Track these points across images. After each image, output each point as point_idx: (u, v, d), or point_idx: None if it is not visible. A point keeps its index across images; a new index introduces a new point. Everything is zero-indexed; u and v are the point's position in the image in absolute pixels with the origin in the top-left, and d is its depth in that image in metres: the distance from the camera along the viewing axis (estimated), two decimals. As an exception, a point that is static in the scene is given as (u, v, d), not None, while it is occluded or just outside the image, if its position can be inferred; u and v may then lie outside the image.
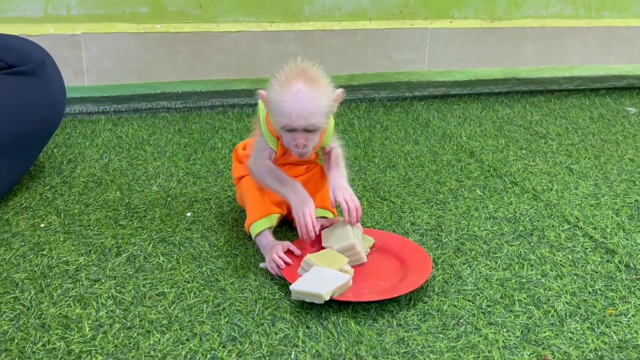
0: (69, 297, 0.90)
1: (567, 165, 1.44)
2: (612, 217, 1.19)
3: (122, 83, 1.66)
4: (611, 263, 1.04)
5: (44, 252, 1.01)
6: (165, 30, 1.66)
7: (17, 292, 0.91)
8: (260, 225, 1.03)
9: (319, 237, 1.03)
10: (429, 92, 1.89)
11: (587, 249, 1.08)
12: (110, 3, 1.62)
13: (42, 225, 1.10)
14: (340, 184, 1.02)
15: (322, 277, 0.91)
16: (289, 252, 1.00)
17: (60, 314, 0.87)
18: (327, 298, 0.87)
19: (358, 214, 1.00)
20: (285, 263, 0.97)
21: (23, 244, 1.04)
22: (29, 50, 1.17)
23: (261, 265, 1.00)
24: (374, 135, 1.59)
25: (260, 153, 1.03)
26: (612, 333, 0.87)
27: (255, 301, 0.91)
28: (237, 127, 1.61)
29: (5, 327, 0.84)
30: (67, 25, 1.60)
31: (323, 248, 1.02)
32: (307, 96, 0.94)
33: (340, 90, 1.02)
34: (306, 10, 1.76)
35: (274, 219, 1.05)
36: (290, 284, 0.91)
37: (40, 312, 0.87)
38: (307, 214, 0.98)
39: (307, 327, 0.86)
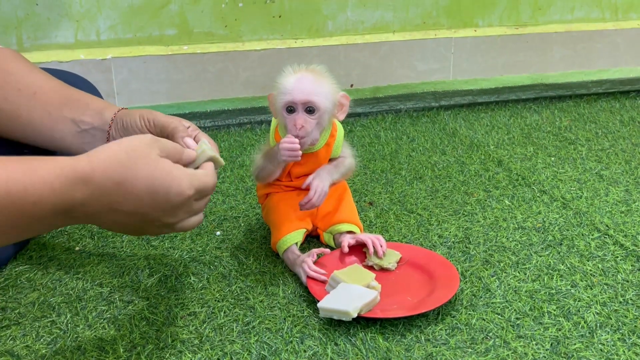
0: (104, 319, 0.93)
1: (597, 171, 1.42)
2: (643, 223, 1.18)
3: (151, 104, 1.70)
4: (643, 271, 1.02)
5: (79, 275, 1.04)
6: (192, 51, 1.69)
7: (54, 315, 0.94)
8: (287, 242, 1.05)
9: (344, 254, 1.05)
10: (456, 101, 1.89)
11: (617, 257, 1.07)
12: (138, 27, 1.66)
13: (77, 248, 1.13)
14: (322, 175, 1.05)
15: (350, 294, 0.92)
16: (318, 262, 1.02)
17: (95, 336, 0.89)
18: (355, 315, 0.88)
19: (309, 205, 1.03)
20: (320, 275, 0.98)
21: (59, 267, 1.07)
22: (79, 85, 1.21)
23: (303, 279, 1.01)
24: (401, 147, 1.60)
25: (261, 151, 1.08)
26: (644, 344, 0.86)
27: (284, 319, 0.93)
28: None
29: (44, 351, 0.86)
30: (98, 50, 1.64)
31: (349, 261, 1.04)
32: (310, 79, 1.00)
33: (345, 94, 1.05)
34: (330, 26, 1.77)
35: (299, 235, 1.07)
36: (318, 301, 0.92)
37: (76, 335, 0.89)
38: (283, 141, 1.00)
39: (336, 344, 0.87)
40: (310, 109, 1.00)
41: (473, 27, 1.88)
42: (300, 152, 1.00)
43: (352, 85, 1.81)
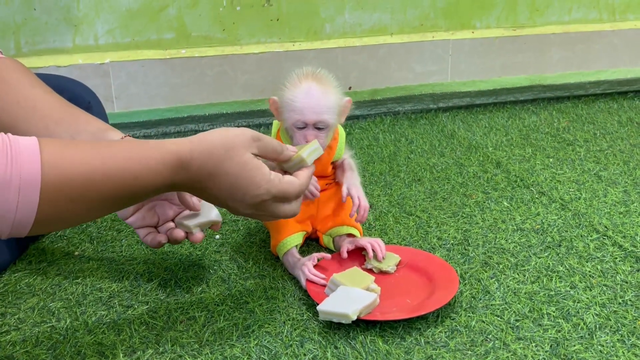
0: (103, 324, 0.93)
1: (596, 172, 1.43)
2: (642, 224, 1.18)
3: (150, 108, 1.70)
4: (642, 272, 1.03)
5: (79, 280, 1.04)
6: (190, 55, 1.69)
7: (53, 321, 0.94)
8: (286, 245, 1.05)
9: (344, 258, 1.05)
10: (454, 103, 1.89)
11: (616, 258, 1.07)
12: (136, 31, 1.66)
13: (76, 253, 1.13)
14: (356, 184, 1.07)
15: (349, 297, 0.92)
16: (317, 265, 1.02)
17: (95, 341, 0.89)
18: (355, 318, 0.88)
19: (365, 214, 1.05)
20: (319, 279, 0.99)
21: (58, 272, 1.07)
22: (78, 92, 1.21)
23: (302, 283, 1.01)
24: (399, 149, 1.60)
25: None
26: (644, 345, 0.86)
27: (284, 322, 0.93)
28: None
29: (44, 357, 0.86)
30: (96, 55, 1.64)
31: (349, 265, 1.04)
32: (318, 93, 1.00)
33: (349, 99, 1.06)
34: (327, 28, 1.78)
35: (299, 237, 1.07)
36: (317, 304, 0.92)
37: (76, 340, 0.89)
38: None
39: (336, 347, 0.87)
40: (320, 127, 1.01)
41: (471, 29, 1.88)
42: (319, 194, 1.03)
43: (350, 88, 1.81)
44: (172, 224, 0.99)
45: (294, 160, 0.91)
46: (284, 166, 0.92)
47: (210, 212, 0.97)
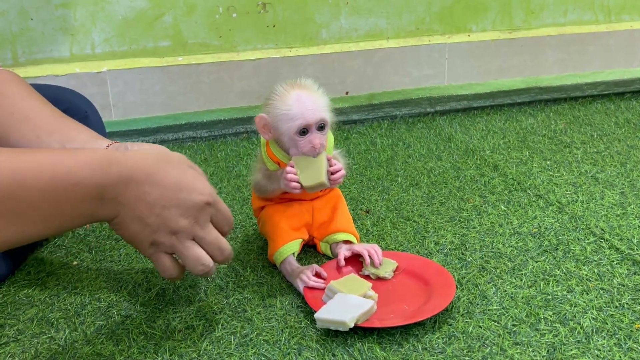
0: (102, 335, 0.93)
1: (593, 174, 1.43)
2: (638, 226, 1.18)
3: (147, 116, 1.71)
4: (638, 275, 1.03)
5: (77, 290, 1.05)
6: (187, 62, 1.69)
7: (52, 331, 0.94)
8: (284, 253, 1.05)
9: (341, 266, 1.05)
10: (451, 107, 1.89)
11: (613, 261, 1.07)
12: (132, 39, 1.66)
13: (75, 263, 1.14)
14: (337, 158, 1.07)
15: (346, 304, 0.92)
16: (317, 274, 1.02)
17: (94, 351, 0.90)
18: (352, 325, 0.89)
19: (340, 179, 1.04)
20: (318, 284, 0.99)
21: (57, 283, 1.07)
22: (75, 102, 1.21)
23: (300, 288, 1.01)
24: (397, 154, 1.60)
25: (260, 170, 1.09)
26: (640, 348, 0.86)
27: (282, 330, 0.93)
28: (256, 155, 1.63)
29: (42, 368, 0.87)
30: (93, 64, 1.65)
31: (346, 270, 1.04)
32: (309, 95, 1.01)
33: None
34: (324, 34, 1.78)
35: (296, 245, 1.07)
36: (315, 312, 0.92)
37: (75, 351, 0.90)
38: (287, 169, 1.02)
39: (333, 354, 0.87)
40: (321, 126, 1.01)
41: (466, 33, 1.88)
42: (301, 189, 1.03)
43: (347, 93, 1.81)
44: None
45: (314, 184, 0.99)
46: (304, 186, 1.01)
47: None
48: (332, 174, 1.03)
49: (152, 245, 0.80)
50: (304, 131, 1.01)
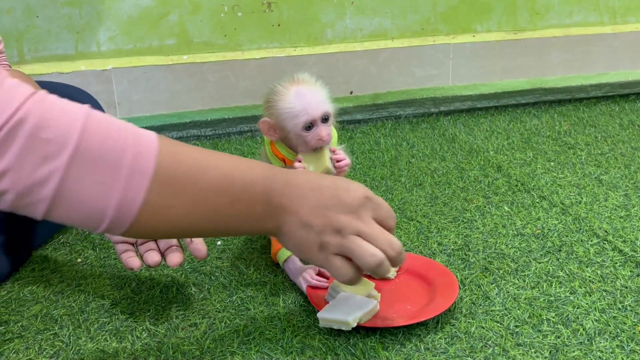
0: (105, 332, 0.94)
1: (597, 176, 1.43)
2: (642, 228, 1.18)
3: (152, 114, 1.71)
4: (641, 277, 1.03)
5: (81, 288, 1.05)
6: (192, 61, 1.70)
7: (56, 328, 0.95)
8: (287, 252, 1.05)
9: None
10: (455, 107, 1.89)
11: (616, 263, 1.07)
12: (138, 38, 1.67)
13: (79, 260, 1.14)
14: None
15: (349, 304, 0.92)
16: (320, 274, 1.03)
17: (97, 348, 0.90)
18: (355, 325, 0.89)
19: (346, 167, 1.05)
20: (321, 283, 0.99)
21: (61, 280, 1.08)
22: (81, 100, 1.21)
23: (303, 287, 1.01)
24: (400, 154, 1.61)
25: None
26: (643, 350, 0.86)
27: (285, 329, 0.93)
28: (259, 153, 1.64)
29: (46, 364, 0.87)
30: (98, 61, 1.65)
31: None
32: (309, 90, 1.02)
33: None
34: (328, 34, 1.78)
35: (300, 245, 1.07)
36: (318, 311, 0.93)
37: (78, 348, 0.90)
38: (295, 165, 1.03)
39: (336, 354, 0.88)
40: (325, 118, 1.02)
41: (471, 33, 1.88)
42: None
43: (351, 92, 1.81)
44: (152, 245, 0.95)
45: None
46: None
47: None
48: (337, 161, 1.04)
49: (320, 248, 0.76)
50: (309, 126, 1.01)
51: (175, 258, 0.93)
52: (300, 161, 1.03)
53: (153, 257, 0.92)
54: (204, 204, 0.70)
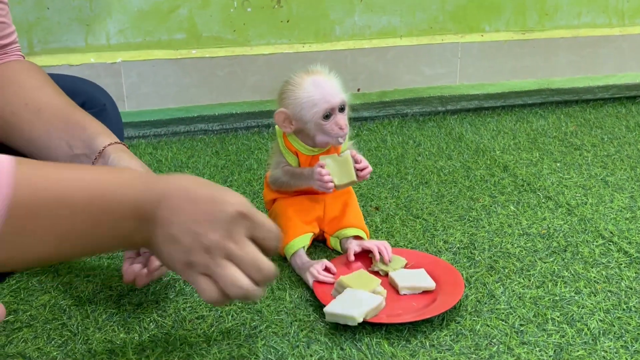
0: (114, 322, 0.95)
1: (603, 177, 1.43)
2: (647, 230, 1.18)
3: (160, 107, 1.72)
4: (646, 279, 1.03)
5: (89, 278, 1.06)
6: (200, 55, 1.70)
7: (64, 318, 0.96)
8: (294, 247, 1.06)
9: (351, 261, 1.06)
10: (462, 106, 1.89)
11: (621, 264, 1.08)
12: (147, 31, 1.67)
13: (87, 251, 1.15)
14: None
15: (356, 299, 0.93)
16: (326, 269, 1.03)
17: (105, 339, 0.91)
18: (361, 320, 0.90)
19: (367, 175, 1.06)
20: (328, 278, 1.00)
21: (69, 270, 1.09)
22: (93, 94, 1.21)
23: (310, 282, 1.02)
24: (407, 152, 1.61)
25: (279, 164, 1.10)
26: (647, 351, 0.87)
27: (291, 323, 0.94)
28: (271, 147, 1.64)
29: (55, 353, 0.88)
30: (108, 54, 1.66)
31: (355, 266, 1.05)
32: (326, 80, 1.04)
33: None
34: (337, 30, 1.79)
35: (307, 239, 1.08)
36: (324, 305, 0.93)
37: (86, 338, 0.91)
38: (321, 171, 1.03)
39: (342, 348, 0.88)
40: (342, 108, 1.03)
41: (480, 32, 1.89)
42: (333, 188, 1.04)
43: (359, 90, 1.82)
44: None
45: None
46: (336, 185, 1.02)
47: None
48: (360, 170, 1.04)
49: (187, 266, 0.72)
50: (327, 115, 1.02)
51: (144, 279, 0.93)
52: (323, 167, 1.03)
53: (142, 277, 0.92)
54: (66, 231, 0.66)
